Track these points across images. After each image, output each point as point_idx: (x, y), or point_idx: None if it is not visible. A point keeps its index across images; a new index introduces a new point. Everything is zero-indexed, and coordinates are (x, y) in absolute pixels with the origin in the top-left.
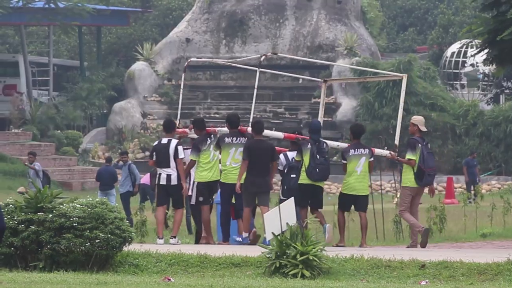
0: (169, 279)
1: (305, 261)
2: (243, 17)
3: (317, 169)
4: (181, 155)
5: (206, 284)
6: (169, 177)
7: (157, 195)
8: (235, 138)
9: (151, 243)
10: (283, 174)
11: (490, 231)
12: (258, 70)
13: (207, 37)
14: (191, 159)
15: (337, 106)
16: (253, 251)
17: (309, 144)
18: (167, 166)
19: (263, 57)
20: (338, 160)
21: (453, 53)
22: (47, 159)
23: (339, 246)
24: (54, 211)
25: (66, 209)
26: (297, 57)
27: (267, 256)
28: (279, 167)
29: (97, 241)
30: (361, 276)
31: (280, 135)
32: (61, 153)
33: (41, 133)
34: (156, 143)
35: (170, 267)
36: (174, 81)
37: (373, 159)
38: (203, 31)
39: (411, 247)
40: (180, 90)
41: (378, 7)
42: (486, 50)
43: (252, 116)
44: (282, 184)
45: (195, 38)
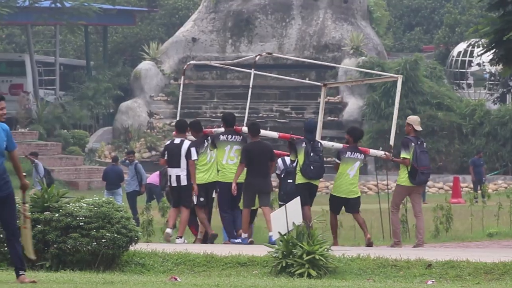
0: (176, 279)
1: (311, 261)
2: (249, 16)
3: (312, 167)
4: (194, 156)
5: (212, 284)
6: (178, 177)
7: (171, 198)
8: (230, 136)
9: (157, 242)
10: (280, 179)
11: (497, 230)
12: (253, 71)
13: (213, 36)
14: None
15: (344, 105)
16: (259, 251)
17: (304, 143)
18: (177, 166)
19: (258, 57)
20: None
21: (459, 53)
22: (53, 158)
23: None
24: (60, 210)
25: (72, 208)
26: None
27: (274, 255)
28: (276, 171)
29: (103, 240)
30: (367, 276)
31: (275, 134)
32: (67, 152)
33: (48, 133)
34: (169, 142)
35: (176, 267)
36: (181, 80)
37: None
38: (209, 30)
39: (417, 246)
40: (180, 93)
41: (385, 6)
42: (492, 50)
43: (247, 116)
44: (279, 189)
45: (201, 37)
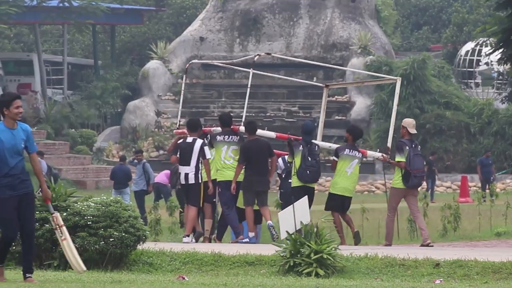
0: (183, 278)
1: (319, 260)
2: (257, 15)
3: (308, 171)
4: (208, 155)
5: (220, 283)
6: (186, 175)
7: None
8: (227, 136)
9: (165, 241)
10: (281, 179)
11: (505, 229)
12: (251, 71)
13: (221, 35)
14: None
15: (351, 104)
16: (267, 250)
17: (301, 146)
18: (188, 164)
19: (257, 57)
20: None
21: (467, 52)
22: (61, 157)
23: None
24: (68, 209)
25: (80, 207)
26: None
27: (281, 254)
28: (277, 171)
29: (111, 239)
30: (375, 275)
31: (272, 134)
32: (75, 151)
33: (56, 132)
34: (181, 141)
35: (184, 266)
36: (188, 79)
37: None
38: (217, 29)
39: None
40: (181, 92)
41: (392, 5)
42: (500, 49)
43: (245, 116)
44: (280, 188)
45: (209, 36)
